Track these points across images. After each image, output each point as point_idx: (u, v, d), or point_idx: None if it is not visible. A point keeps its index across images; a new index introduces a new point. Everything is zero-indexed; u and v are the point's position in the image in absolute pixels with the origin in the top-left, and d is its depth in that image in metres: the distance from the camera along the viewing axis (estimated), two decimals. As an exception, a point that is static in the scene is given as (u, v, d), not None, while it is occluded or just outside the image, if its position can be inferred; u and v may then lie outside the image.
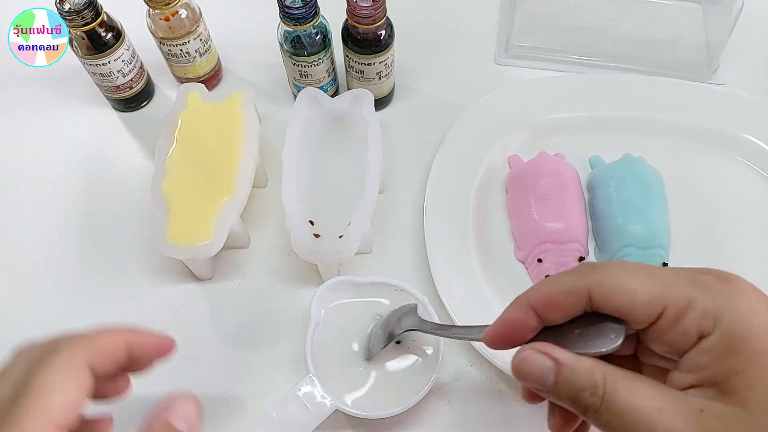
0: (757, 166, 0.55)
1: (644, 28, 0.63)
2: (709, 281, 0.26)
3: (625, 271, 0.27)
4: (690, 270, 0.27)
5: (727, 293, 0.25)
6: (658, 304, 0.26)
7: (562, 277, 0.28)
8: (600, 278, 0.27)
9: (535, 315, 0.28)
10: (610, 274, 0.27)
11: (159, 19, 0.53)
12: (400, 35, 0.54)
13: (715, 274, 0.26)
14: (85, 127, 0.60)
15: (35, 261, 0.52)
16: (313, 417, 0.40)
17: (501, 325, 0.29)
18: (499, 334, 0.30)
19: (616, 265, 0.27)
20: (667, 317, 0.26)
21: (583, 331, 0.28)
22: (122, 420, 0.46)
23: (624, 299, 0.26)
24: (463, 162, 0.54)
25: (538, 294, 0.28)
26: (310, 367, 0.42)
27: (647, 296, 0.26)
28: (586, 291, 0.27)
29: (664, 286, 0.26)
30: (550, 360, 0.27)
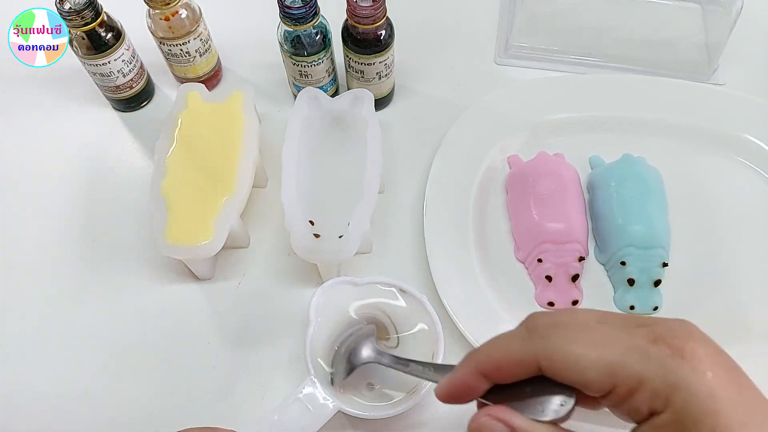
0: (757, 166, 0.55)
1: (644, 28, 0.63)
2: (662, 357, 0.25)
3: (574, 343, 0.26)
4: (644, 337, 0.26)
5: (681, 371, 0.24)
6: (608, 383, 0.25)
7: (511, 343, 0.28)
8: (549, 350, 0.27)
9: (485, 379, 0.29)
10: (557, 345, 0.26)
11: (159, 19, 0.53)
12: (400, 35, 0.54)
13: (671, 344, 0.25)
14: (85, 127, 0.60)
15: (35, 261, 0.52)
16: (315, 419, 0.40)
17: (452, 387, 0.30)
18: (451, 395, 0.30)
19: (564, 335, 0.27)
20: (618, 394, 0.25)
21: (534, 390, 0.28)
22: (123, 419, 0.46)
23: (573, 376, 0.26)
24: (463, 162, 0.54)
25: (487, 361, 0.29)
26: (310, 369, 0.42)
27: (596, 374, 0.25)
28: (535, 362, 0.27)
29: (613, 363, 0.25)
30: (506, 427, 0.27)
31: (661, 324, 0.27)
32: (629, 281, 0.48)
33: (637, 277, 0.48)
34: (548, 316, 0.29)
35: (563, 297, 0.49)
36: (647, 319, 0.28)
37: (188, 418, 0.45)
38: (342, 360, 0.42)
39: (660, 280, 0.48)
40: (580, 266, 0.49)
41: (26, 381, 0.47)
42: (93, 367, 0.48)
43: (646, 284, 0.48)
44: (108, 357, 0.48)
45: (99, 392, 0.46)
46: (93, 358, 0.48)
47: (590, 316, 0.28)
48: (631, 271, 0.48)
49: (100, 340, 0.49)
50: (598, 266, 0.51)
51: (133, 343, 0.48)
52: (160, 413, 0.45)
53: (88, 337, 0.49)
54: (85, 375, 0.47)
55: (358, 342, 0.42)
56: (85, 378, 0.47)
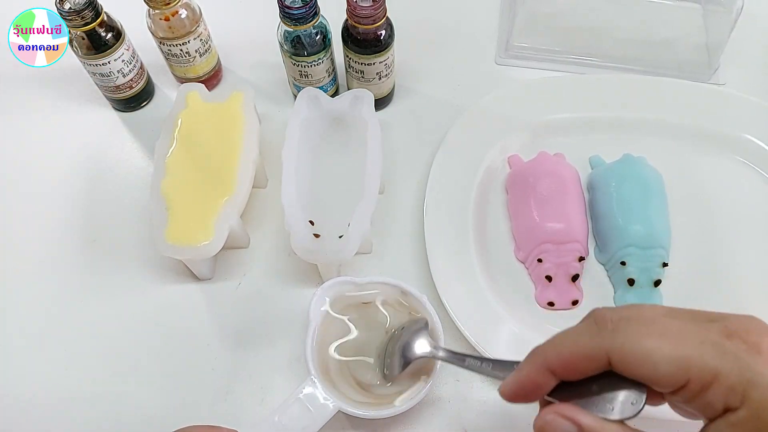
0: (757, 167, 0.55)
1: (644, 28, 0.63)
2: (737, 351, 0.24)
3: (645, 336, 0.26)
4: (718, 332, 0.25)
5: (757, 367, 0.24)
6: (681, 377, 0.25)
7: (580, 337, 0.27)
8: (620, 344, 0.26)
9: (552, 376, 0.28)
10: (629, 339, 0.26)
11: (159, 19, 0.53)
12: (400, 35, 0.53)
13: (746, 339, 0.25)
14: (85, 127, 0.60)
15: (35, 261, 0.52)
16: (315, 419, 0.40)
17: (518, 384, 0.29)
18: (518, 393, 0.29)
19: (635, 328, 0.26)
20: (691, 389, 0.25)
21: (601, 387, 0.27)
22: (123, 419, 0.46)
23: (645, 371, 0.25)
24: (463, 162, 0.54)
25: (555, 356, 0.28)
26: (311, 369, 0.42)
27: (670, 369, 0.25)
28: (605, 357, 0.26)
29: (687, 356, 0.25)
30: (573, 425, 0.27)
31: (732, 319, 0.26)
32: (629, 281, 0.48)
33: (637, 277, 0.48)
34: (615, 311, 0.28)
35: (563, 297, 0.49)
36: (716, 314, 0.27)
37: (188, 418, 0.45)
38: (397, 354, 0.41)
39: (660, 280, 0.48)
40: (580, 266, 0.49)
41: (26, 380, 0.47)
42: (93, 367, 0.48)
43: (646, 284, 0.48)
44: (108, 357, 0.48)
45: (99, 392, 0.46)
46: (93, 358, 0.48)
47: (656, 310, 0.28)
48: (631, 271, 0.48)
49: (100, 340, 0.49)
50: (598, 266, 0.51)
51: (132, 343, 0.48)
52: (160, 413, 0.45)
53: (88, 337, 0.49)
54: (85, 375, 0.47)
55: (411, 336, 0.41)
56: (84, 378, 0.47)
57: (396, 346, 0.42)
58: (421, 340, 0.41)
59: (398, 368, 0.41)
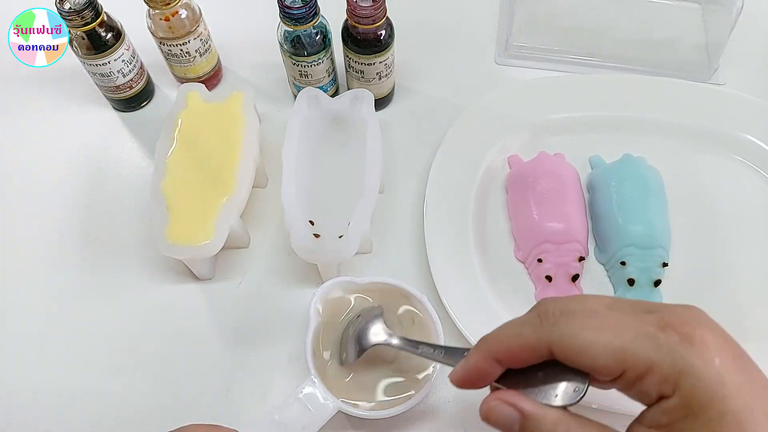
0: (757, 166, 0.55)
1: (644, 28, 0.63)
2: (671, 342, 0.25)
3: (584, 329, 0.27)
4: (654, 323, 0.26)
5: (689, 357, 0.25)
6: (618, 368, 0.26)
7: (523, 328, 0.29)
8: (561, 337, 0.27)
9: (498, 364, 0.29)
10: (568, 331, 0.27)
11: (159, 19, 0.53)
12: (400, 35, 0.54)
13: (680, 330, 0.26)
14: (85, 127, 0.60)
15: (35, 261, 0.52)
16: (315, 419, 0.40)
17: (466, 372, 0.30)
18: (465, 380, 0.30)
19: (575, 321, 0.27)
20: (628, 378, 0.26)
21: (546, 375, 0.28)
22: (123, 419, 0.46)
23: (584, 362, 0.27)
24: (463, 162, 0.54)
25: (500, 346, 0.29)
26: (311, 368, 0.42)
27: (607, 359, 0.26)
28: (546, 348, 0.27)
29: (623, 348, 0.26)
30: (516, 411, 0.28)
31: (670, 310, 0.27)
32: (629, 281, 0.48)
33: (637, 277, 0.48)
34: (558, 303, 0.29)
35: (563, 297, 0.48)
36: (656, 305, 0.28)
37: (188, 418, 0.45)
38: (351, 341, 0.41)
39: (660, 280, 0.48)
40: (580, 266, 0.49)
41: (26, 380, 0.47)
42: (93, 366, 0.48)
43: (646, 284, 0.48)
44: (108, 357, 0.48)
45: (99, 391, 0.46)
46: (93, 358, 0.48)
47: (599, 302, 0.28)
48: (631, 271, 0.48)
49: (100, 339, 0.49)
50: (598, 266, 0.51)
51: (133, 342, 0.48)
52: (160, 413, 0.45)
53: (88, 337, 0.49)
54: (85, 374, 0.47)
55: (366, 323, 0.41)
56: (84, 377, 0.47)
57: (350, 333, 0.42)
58: (376, 326, 0.41)
59: (353, 355, 0.41)
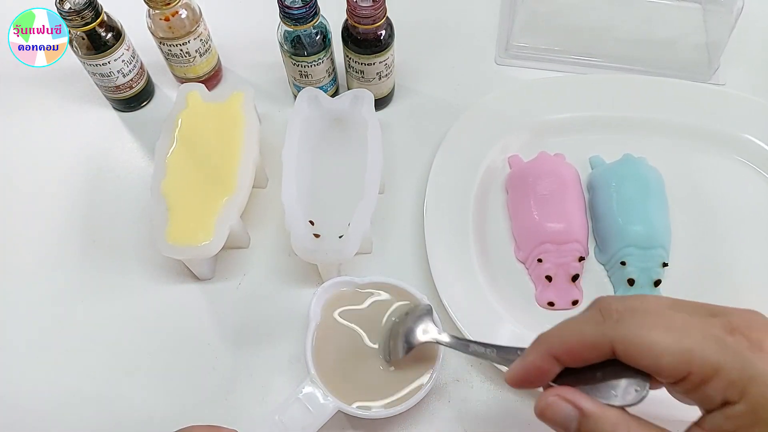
0: (757, 166, 0.55)
1: (644, 28, 0.63)
2: (739, 346, 0.25)
3: (650, 328, 0.26)
4: (721, 327, 0.25)
5: (758, 363, 0.24)
6: (683, 369, 0.25)
7: (584, 326, 0.28)
8: (623, 334, 0.26)
9: (557, 363, 0.28)
10: (633, 330, 0.26)
11: (159, 19, 0.53)
12: (400, 35, 0.53)
13: (748, 336, 0.25)
14: (85, 127, 0.60)
15: (35, 261, 0.52)
16: (315, 419, 0.40)
17: (524, 370, 0.29)
18: (523, 379, 0.30)
19: (640, 320, 0.26)
20: (692, 381, 0.25)
21: (605, 374, 0.28)
22: (122, 419, 0.46)
23: (648, 361, 0.26)
24: (463, 162, 0.54)
25: (560, 344, 0.28)
26: (311, 368, 0.42)
27: (672, 360, 0.25)
28: (609, 346, 0.27)
29: (690, 350, 0.25)
30: (575, 409, 0.27)
31: (735, 315, 0.26)
32: (629, 281, 0.48)
33: (637, 277, 0.48)
34: (621, 300, 0.28)
35: (563, 297, 0.49)
36: (720, 308, 0.27)
37: (188, 418, 0.45)
38: (401, 339, 0.41)
39: (660, 280, 0.48)
40: (580, 266, 0.49)
41: (26, 380, 0.47)
42: (93, 367, 0.48)
43: (646, 284, 0.48)
44: (108, 357, 0.48)
45: (99, 392, 0.46)
46: (93, 358, 0.48)
47: (662, 302, 0.28)
48: (631, 271, 0.48)
49: (100, 340, 0.49)
50: (598, 266, 0.51)
51: (133, 343, 0.48)
52: (160, 413, 0.45)
53: (88, 337, 0.49)
54: (85, 375, 0.47)
55: (415, 321, 0.41)
56: (84, 378, 0.47)
57: (400, 330, 0.42)
58: (424, 325, 0.41)
59: (402, 352, 0.41)
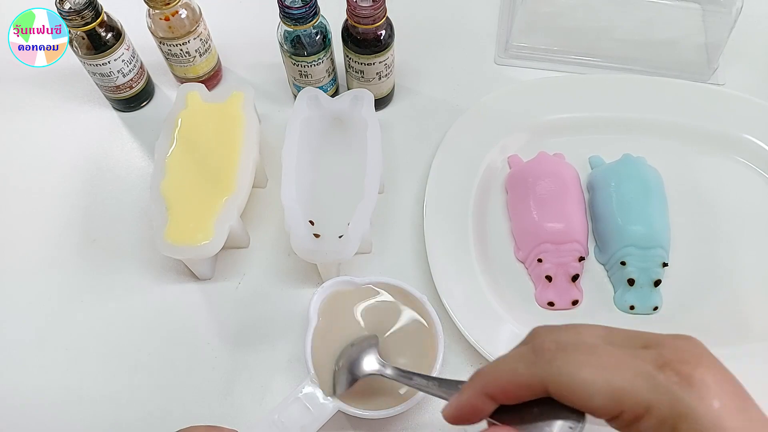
0: (757, 167, 0.55)
1: (644, 28, 0.63)
2: (669, 383, 0.25)
3: (580, 366, 0.26)
4: (652, 362, 0.26)
5: (688, 399, 0.24)
6: (615, 409, 0.25)
7: (517, 365, 0.28)
8: (556, 375, 0.26)
9: (491, 401, 0.28)
10: (564, 370, 0.26)
11: (159, 19, 0.53)
12: (400, 35, 0.53)
13: (679, 371, 0.25)
14: (85, 127, 0.60)
15: (35, 261, 0.52)
16: (315, 418, 0.40)
17: (458, 409, 0.30)
18: (458, 417, 0.30)
19: (571, 358, 0.27)
20: (625, 419, 0.26)
21: (542, 410, 0.28)
22: (122, 419, 0.46)
23: (580, 402, 0.26)
24: (463, 162, 0.54)
25: (494, 382, 0.28)
26: (310, 368, 0.42)
27: (603, 400, 0.25)
28: (542, 386, 0.27)
29: (621, 389, 0.25)
30: None
31: (669, 346, 0.26)
32: (629, 281, 0.48)
33: (637, 277, 0.48)
34: (554, 335, 0.28)
35: (563, 297, 0.49)
36: (653, 337, 0.27)
37: (188, 418, 0.45)
38: (344, 371, 0.41)
39: (660, 280, 0.48)
40: (580, 266, 0.49)
41: (25, 380, 0.47)
42: (92, 366, 0.48)
43: (646, 284, 0.48)
44: (108, 357, 0.48)
45: (99, 392, 0.46)
46: (92, 358, 0.48)
47: (596, 334, 0.28)
48: (631, 271, 0.48)
49: (99, 340, 0.49)
50: (598, 266, 0.51)
51: (132, 343, 0.48)
52: (160, 413, 0.45)
53: (88, 337, 0.49)
54: (85, 375, 0.47)
55: (359, 353, 0.41)
56: (84, 378, 0.47)
57: (345, 362, 0.41)
58: (369, 356, 0.40)
59: (345, 385, 0.40)
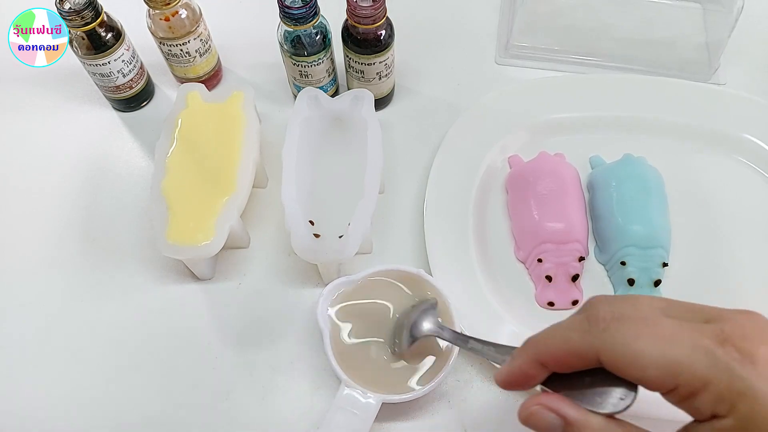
0: (757, 166, 0.55)
1: (644, 28, 0.63)
2: (729, 359, 0.24)
3: (636, 338, 0.25)
4: (712, 336, 0.24)
5: (749, 378, 0.23)
6: (670, 382, 0.24)
7: (571, 334, 0.27)
8: (609, 345, 0.26)
9: (543, 368, 0.28)
10: (619, 340, 0.25)
11: (159, 19, 0.53)
12: (400, 35, 0.53)
13: (740, 347, 0.24)
14: (85, 127, 0.60)
15: (35, 261, 0.52)
16: (363, 419, 0.40)
17: (511, 375, 0.29)
18: (510, 383, 0.30)
19: (627, 329, 0.26)
20: (680, 393, 0.24)
21: (594, 380, 0.27)
22: (122, 419, 0.46)
23: (634, 373, 0.25)
24: (463, 162, 0.54)
25: (546, 351, 0.28)
26: (341, 375, 0.42)
27: (658, 373, 0.24)
28: (595, 356, 0.26)
29: (678, 362, 0.24)
30: (558, 417, 0.27)
31: (731, 320, 0.25)
32: (629, 281, 0.48)
33: (637, 277, 0.48)
34: (610, 306, 0.27)
35: (563, 297, 0.49)
36: (715, 311, 0.26)
37: (188, 418, 0.45)
38: (405, 330, 0.42)
39: (660, 280, 0.48)
40: (580, 266, 0.49)
41: (25, 380, 0.47)
42: (93, 366, 0.48)
43: (646, 284, 0.48)
44: (107, 357, 0.48)
45: (99, 392, 0.46)
46: (93, 358, 0.48)
47: (654, 305, 0.27)
48: (631, 271, 0.48)
49: (99, 340, 0.49)
50: (598, 266, 0.51)
51: (132, 343, 0.48)
52: (160, 413, 0.45)
53: (88, 337, 0.49)
54: (85, 375, 0.47)
55: (420, 314, 0.42)
56: (84, 378, 0.47)
57: (405, 323, 0.43)
58: (428, 318, 0.42)
59: (406, 344, 0.42)
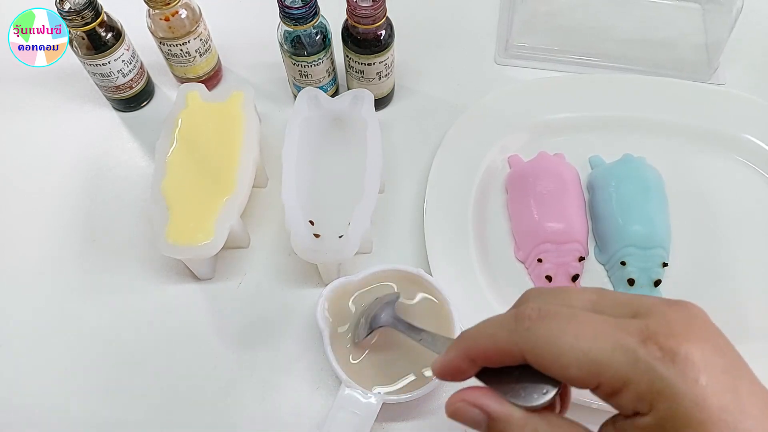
0: (757, 166, 0.55)
1: (644, 28, 0.63)
2: (650, 358, 0.24)
3: (558, 337, 0.25)
4: (636, 333, 0.24)
5: (669, 377, 0.23)
6: (592, 381, 0.25)
7: (498, 332, 0.28)
8: (532, 344, 0.26)
9: (474, 363, 0.29)
10: (542, 339, 0.26)
11: (159, 19, 0.53)
12: (400, 35, 0.54)
13: (663, 345, 0.24)
14: (85, 127, 0.60)
15: (35, 261, 0.52)
16: (363, 419, 0.40)
17: (443, 367, 0.30)
18: (444, 375, 0.30)
19: (552, 327, 0.26)
20: (602, 391, 0.25)
21: (522, 374, 0.28)
22: (122, 419, 0.46)
23: (557, 371, 0.25)
24: (463, 162, 0.54)
25: (475, 346, 0.29)
26: (342, 375, 0.42)
27: (579, 372, 0.25)
28: (520, 353, 0.26)
29: (598, 362, 0.24)
30: (482, 413, 0.27)
31: (658, 315, 0.25)
32: (629, 281, 0.48)
33: (637, 277, 0.48)
34: (538, 302, 0.28)
35: (563, 297, 0.49)
36: (645, 304, 0.26)
37: (189, 418, 0.45)
38: (364, 322, 0.43)
39: (660, 280, 0.48)
40: (580, 266, 0.49)
41: (25, 380, 0.47)
42: (93, 366, 0.48)
43: (646, 284, 0.48)
44: (107, 357, 0.48)
45: (98, 392, 0.46)
46: (93, 358, 0.48)
47: (585, 299, 0.27)
48: (631, 271, 0.48)
49: (100, 340, 0.49)
50: (598, 266, 0.51)
51: (133, 343, 0.48)
52: (160, 413, 0.45)
53: (88, 337, 0.49)
54: (85, 375, 0.47)
55: (381, 306, 0.43)
56: (85, 378, 0.47)
57: (365, 314, 0.43)
58: (387, 310, 0.42)
59: (364, 333, 0.42)
